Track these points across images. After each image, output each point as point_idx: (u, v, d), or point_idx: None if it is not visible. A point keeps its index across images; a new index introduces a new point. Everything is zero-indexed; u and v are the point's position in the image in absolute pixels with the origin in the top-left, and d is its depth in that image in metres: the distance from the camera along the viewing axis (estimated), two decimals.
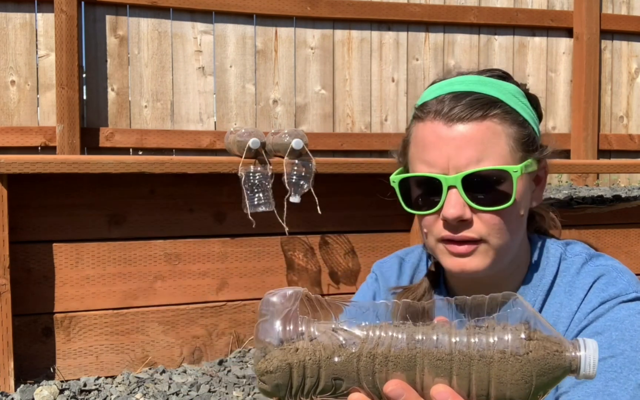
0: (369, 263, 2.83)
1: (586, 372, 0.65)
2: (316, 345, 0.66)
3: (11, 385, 2.31)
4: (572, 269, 1.04)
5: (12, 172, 2.29)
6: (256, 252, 2.71)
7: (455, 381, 0.64)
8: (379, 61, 4.62)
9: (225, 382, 2.44)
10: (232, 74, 4.35)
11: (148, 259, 2.57)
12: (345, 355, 0.65)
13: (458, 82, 1.01)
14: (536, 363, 0.63)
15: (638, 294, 0.99)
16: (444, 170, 0.95)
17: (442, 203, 0.95)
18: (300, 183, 2.54)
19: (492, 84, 1.01)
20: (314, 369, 0.66)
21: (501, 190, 0.96)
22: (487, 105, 0.97)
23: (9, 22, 3.95)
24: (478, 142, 0.95)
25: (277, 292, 0.69)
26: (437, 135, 0.97)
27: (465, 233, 0.96)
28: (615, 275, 1.01)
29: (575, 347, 0.65)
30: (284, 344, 0.66)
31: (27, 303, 2.42)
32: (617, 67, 5.07)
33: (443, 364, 0.64)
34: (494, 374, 0.63)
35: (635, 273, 3.55)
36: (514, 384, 0.63)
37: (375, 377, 0.65)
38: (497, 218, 0.96)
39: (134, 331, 2.56)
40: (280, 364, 0.66)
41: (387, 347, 0.65)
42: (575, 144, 4.90)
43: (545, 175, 1.08)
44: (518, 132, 0.99)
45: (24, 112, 3.98)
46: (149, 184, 2.57)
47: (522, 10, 4.85)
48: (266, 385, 0.67)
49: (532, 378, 0.64)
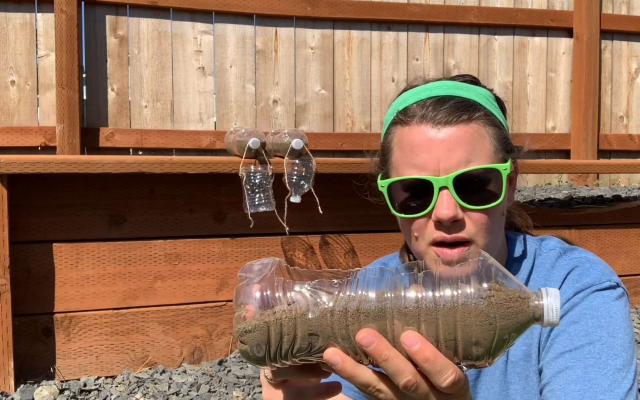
0: (369, 263, 2.83)
1: (549, 319, 0.67)
2: (292, 305, 0.70)
3: (11, 385, 2.31)
4: (547, 263, 1.07)
5: (12, 172, 2.29)
6: (256, 252, 2.71)
7: (424, 328, 0.67)
8: (379, 61, 4.62)
9: (225, 382, 2.44)
10: (232, 74, 4.35)
11: (148, 259, 2.57)
12: (319, 311, 0.69)
13: (435, 87, 1.03)
14: (498, 306, 0.66)
15: (611, 283, 1.01)
16: (435, 172, 0.97)
17: (434, 204, 0.97)
18: (300, 183, 2.54)
19: (467, 89, 1.03)
20: (290, 326, 0.69)
21: (490, 189, 0.98)
22: (471, 108, 1.00)
23: (9, 22, 3.95)
24: (467, 143, 0.97)
25: (256, 261, 0.74)
26: (426, 138, 0.98)
27: (457, 234, 0.97)
28: (588, 266, 1.03)
29: (538, 296, 0.68)
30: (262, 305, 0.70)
31: (27, 303, 2.42)
32: (617, 67, 5.07)
33: (411, 311, 0.67)
34: (459, 317, 0.66)
35: (635, 273, 3.54)
36: (479, 325, 0.66)
37: (349, 329, 0.69)
38: (485, 217, 0.98)
39: (134, 331, 2.56)
40: (258, 323, 0.69)
41: (358, 302, 0.69)
42: (575, 144, 4.90)
43: (516, 176, 1.10)
44: (497, 133, 1.02)
45: (24, 112, 3.98)
46: (149, 184, 2.57)
47: (522, 10, 4.85)
48: (246, 346, 0.70)
49: (496, 320, 0.66)
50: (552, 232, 3.35)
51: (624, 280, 3.25)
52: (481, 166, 0.97)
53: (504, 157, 1.01)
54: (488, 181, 0.98)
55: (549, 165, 3.58)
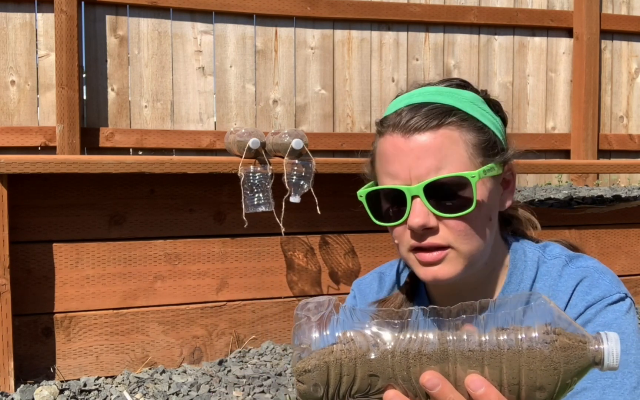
0: (369, 263, 2.83)
1: (610, 363, 0.67)
2: (351, 345, 0.69)
3: (11, 385, 2.31)
4: (554, 272, 1.05)
5: (12, 172, 2.29)
6: (256, 252, 2.71)
7: (487, 371, 0.67)
8: (379, 61, 4.62)
9: (225, 382, 2.44)
10: (232, 74, 4.35)
11: (148, 259, 2.57)
12: (380, 352, 0.68)
13: (417, 94, 1.04)
14: (562, 351, 0.66)
15: (621, 294, 1.01)
16: (407, 181, 0.97)
17: (408, 213, 0.97)
18: (300, 183, 2.54)
19: (449, 94, 1.03)
20: (351, 366, 0.68)
21: (463, 196, 0.97)
22: (443, 114, 0.99)
23: (9, 22, 3.95)
24: (436, 150, 0.97)
25: (311, 299, 0.73)
26: (396, 148, 0.99)
27: (431, 240, 0.97)
28: (597, 277, 1.02)
29: (597, 340, 0.68)
30: (321, 346, 0.69)
31: (27, 303, 2.42)
32: (617, 67, 5.07)
33: (475, 355, 0.67)
34: (524, 362, 0.66)
35: (635, 273, 3.54)
36: (543, 370, 0.66)
37: (410, 371, 0.68)
38: (463, 224, 0.97)
39: (134, 331, 2.56)
40: (318, 363, 0.68)
41: (420, 343, 0.68)
42: (575, 144, 4.90)
43: (513, 178, 1.08)
44: (476, 137, 1.00)
45: (24, 112, 3.98)
46: (149, 184, 2.57)
47: (522, 10, 4.85)
48: (304, 385, 0.69)
49: (560, 365, 0.66)
50: (552, 232, 3.36)
51: (624, 280, 3.25)
52: (449, 174, 0.96)
53: (483, 162, 0.99)
54: (460, 188, 0.97)
55: (549, 165, 3.58)
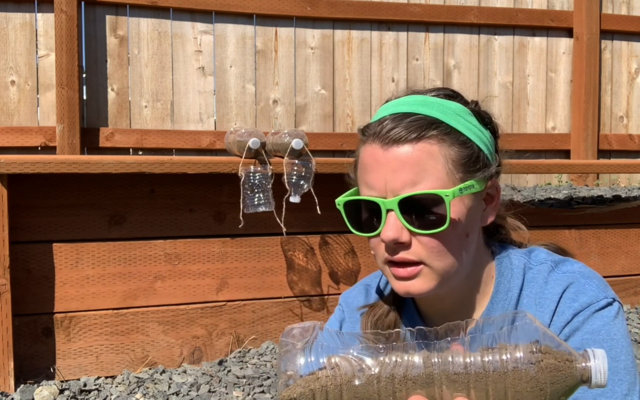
0: (369, 263, 2.83)
1: (597, 381, 0.67)
2: (337, 371, 0.68)
3: (11, 385, 2.31)
4: (539, 278, 1.03)
5: (12, 172, 2.29)
6: (256, 252, 2.71)
7: (473, 394, 0.66)
8: (379, 61, 4.62)
9: (225, 382, 2.44)
10: (232, 74, 4.35)
11: (148, 259, 2.57)
12: (365, 378, 0.68)
13: (403, 102, 1.01)
14: (548, 371, 0.66)
15: (608, 299, 0.99)
16: (382, 193, 0.96)
17: (382, 226, 0.95)
18: (300, 183, 2.54)
19: (434, 104, 0.99)
20: (336, 393, 0.68)
21: (437, 213, 0.94)
22: (424, 126, 0.96)
23: (9, 22, 3.95)
24: (413, 164, 0.94)
25: (296, 325, 0.72)
26: (375, 158, 0.97)
27: (403, 255, 0.95)
28: (583, 283, 1.00)
29: (584, 358, 0.67)
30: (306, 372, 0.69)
31: (27, 303, 2.42)
32: (617, 67, 5.07)
33: (460, 378, 0.66)
34: (510, 383, 0.66)
35: (635, 273, 3.54)
36: (530, 391, 0.66)
37: (396, 396, 0.68)
38: (436, 241, 0.95)
39: (134, 331, 2.56)
40: (303, 391, 0.68)
41: (405, 368, 0.68)
42: (575, 144, 4.90)
43: (497, 193, 1.05)
44: (458, 152, 0.97)
45: (24, 112, 3.98)
46: (149, 184, 2.57)
47: (522, 10, 4.85)
48: None
49: (547, 385, 0.66)
50: (552, 232, 3.35)
51: (624, 280, 3.26)
52: (422, 191, 0.94)
53: (462, 178, 0.96)
54: (433, 205, 0.94)
55: (549, 165, 3.58)
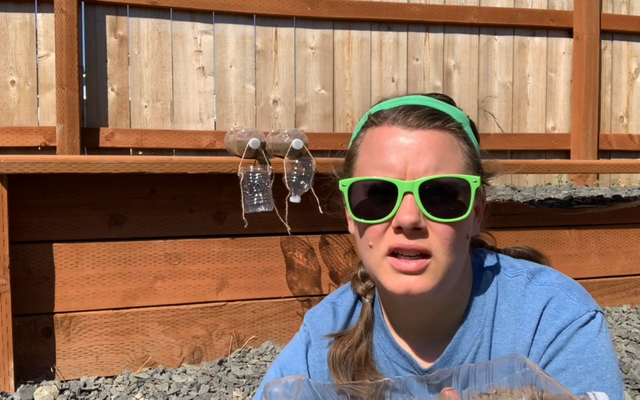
0: None
1: None
2: None
3: (11, 385, 2.31)
4: (517, 292, 1.01)
5: (12, 172, 2.29)
6: (256, 252, 2.71)
7: None
8: (379, 61, 4.62)
9: (225, 382, 2.44)
10: (232, 74, 4.35)
11: (148, 259, 2.57)
12: None
13: (410, 98, 1.00)
14: None
15: (591, 313, 0.97)
16: (401, 176, 0.92)
17: (397, 209, 0.91)
18: (300, 183, 2.54)
19: (443, 104, 1.00)
20: None
21: (457, 201, 0.93)
22: (444, 118, 0.96)
23: (9, 22, 3.95)
24: (438, 149, 0.93)
25: (278, 383, 0.68)
26: (396, 140, 0.94)
27: (417, 242, 0.91)
28: (564, 296, 0.98)
29: None
30: None
31: (27, 303, 2.42)
32: (617, 67, 5.07)
33: None
34: None
35: (635, 273, 3.53)
36: None
37: None
38: (450, 231, 0.92)
39: (134, 331, 2.56)
40: None
41: None
42: (575, 144, 4.90)
43: (482, 206, 1.04)
44: (470, 151, 0.98)
45: (24, 112, 3.98)
46: (149, 184, 2.57)
47: (522, 10, 4.85)
48: None
49: None
50: (552, 232, 3.35)
51: (624, 280, 3.26)
52: (450, 175, 0.92)
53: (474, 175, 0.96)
54: (455, 193, 0.92)
55: (549, 165, 3.58)
